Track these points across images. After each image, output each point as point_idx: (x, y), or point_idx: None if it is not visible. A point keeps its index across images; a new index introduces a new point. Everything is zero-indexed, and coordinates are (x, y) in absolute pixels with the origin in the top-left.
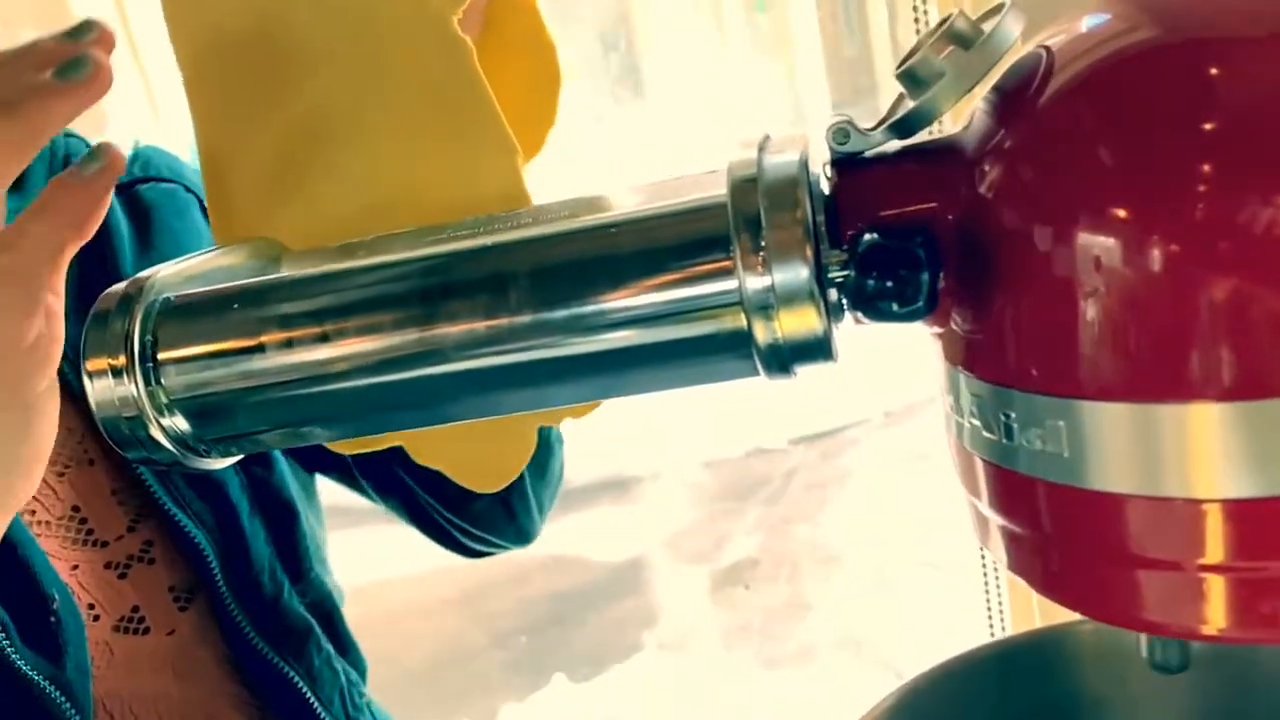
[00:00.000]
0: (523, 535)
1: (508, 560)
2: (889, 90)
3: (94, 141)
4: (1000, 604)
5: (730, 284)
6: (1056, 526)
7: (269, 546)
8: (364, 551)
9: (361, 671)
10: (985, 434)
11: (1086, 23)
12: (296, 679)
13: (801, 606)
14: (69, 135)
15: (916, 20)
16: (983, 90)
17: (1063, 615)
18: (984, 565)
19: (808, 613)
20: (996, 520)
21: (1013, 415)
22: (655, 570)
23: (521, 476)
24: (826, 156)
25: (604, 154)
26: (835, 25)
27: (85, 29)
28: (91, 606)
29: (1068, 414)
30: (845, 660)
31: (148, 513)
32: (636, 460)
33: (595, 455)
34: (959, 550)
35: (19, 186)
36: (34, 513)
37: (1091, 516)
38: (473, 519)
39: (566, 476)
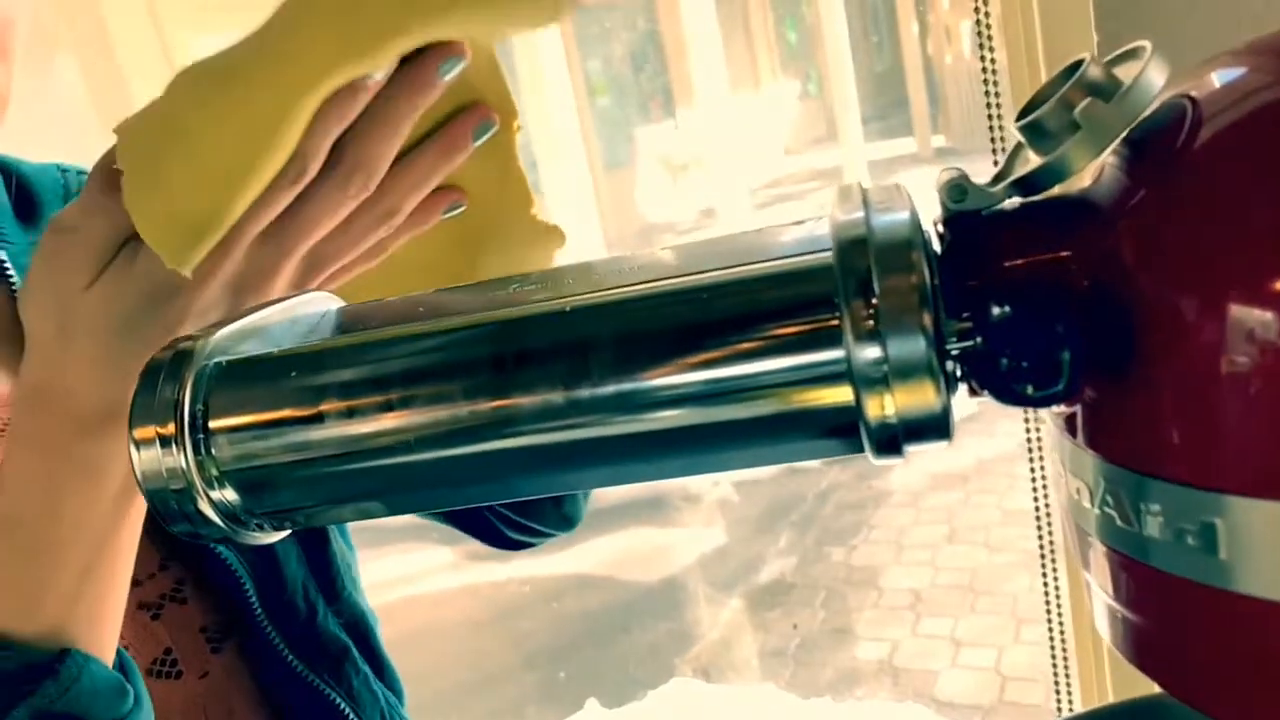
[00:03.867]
0: (567, 521)
1: (537, 580)
2: (920, 105)
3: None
4: (1067, 671)
5: (837, 354)
6: (1198, 629)
7: (302, 568)
8: (393, 570)
9: (398, 693)
10: (1118, 523)
11: (1225, 74)
12: (339, 700)
13: (838, 632)
14: (80, 172)
15: (980, 42)
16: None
17: (1142, 685)
18: (1049, 628)
19: (844, 638)
20: (1118, 609)
21: (1155, 507)
22: (688, 592)
23: None
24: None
25: (639, 170)
26: (866, 41)
27: None
28: (123, 650)
29: (1225, 511)
30: (883, 688)
31: (179, 549)
32: (668, 480)
33: None
34: (996, 574)
35: (32, 219)
36: None
37: (1244, 624)
38: (519, 506)
39: (597, 496)
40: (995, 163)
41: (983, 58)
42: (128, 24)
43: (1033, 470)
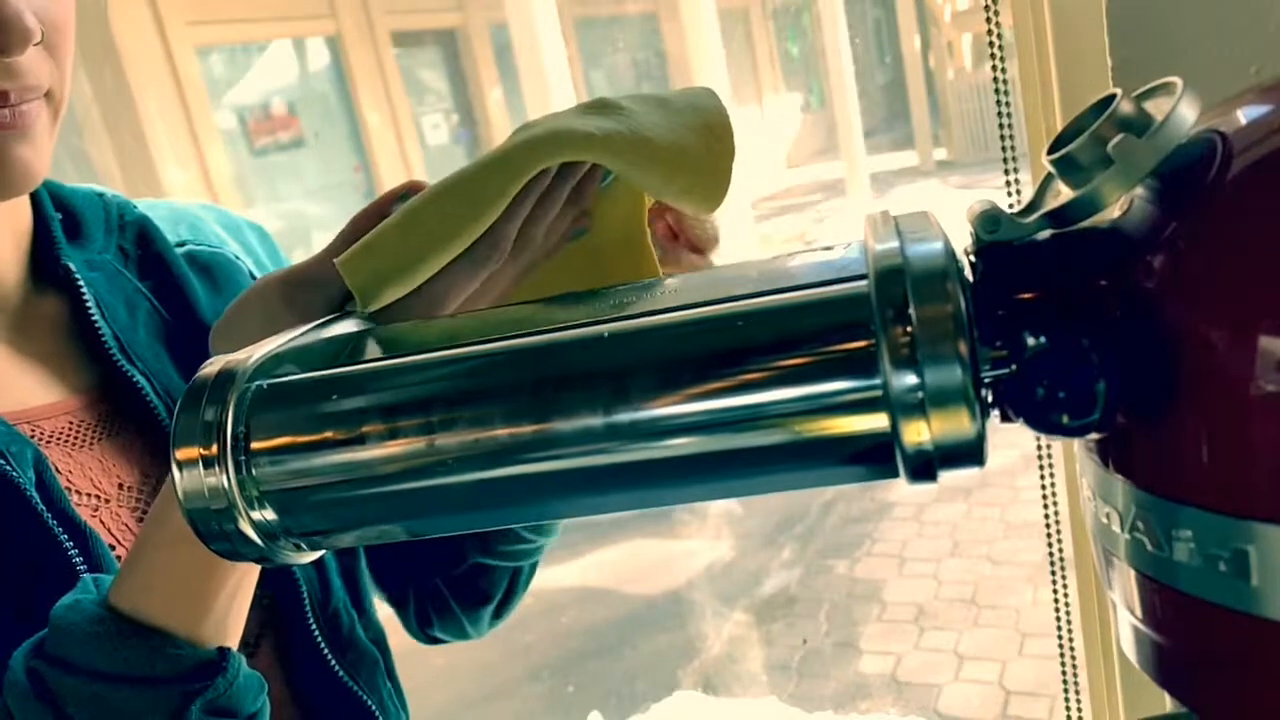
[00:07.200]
0: (481, 634)
1: (541, 592)
2: (921, 118)
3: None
4: (1077, 684)
5: (873, 382)
6: (1228, 653)
7: (340, 581)
8: None
9: (406, 714)
10: (1148, 548)
11: (1253, 109)
12: (374, 708)
13: (841, 645)
14: (117, 196)
15: (993, 56)
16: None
17: (1154, 698)
18: (1060, 641)
19: (847, 652)
20: (1145, 632)
21: (1186, 534)
22: (691, 605)
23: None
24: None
25: None
26: (868, 55)
27: None
28: None
29: (1258, 538)
30: (887, 702)
31: None
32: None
33: None
34: (999, 588)
35: (78, 238)
36: (120, 558)
37: (1276, 649)
38: (475, 619)
39: None
40: (1005, 173)
41: (994, 68)
42: (134, 36)
43: (1043, 481)
